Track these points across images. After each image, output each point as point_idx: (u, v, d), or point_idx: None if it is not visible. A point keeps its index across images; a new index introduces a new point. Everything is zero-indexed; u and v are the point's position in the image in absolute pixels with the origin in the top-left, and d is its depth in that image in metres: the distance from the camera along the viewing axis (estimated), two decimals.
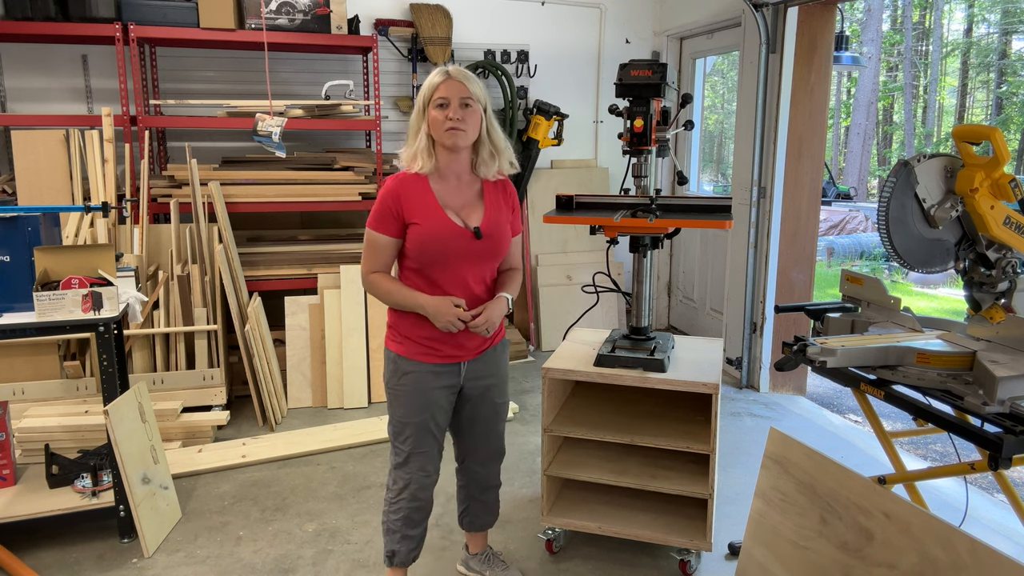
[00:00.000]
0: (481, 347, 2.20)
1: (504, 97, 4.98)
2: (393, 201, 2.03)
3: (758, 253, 4.40)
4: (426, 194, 2.04)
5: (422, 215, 2.02)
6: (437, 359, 2.12)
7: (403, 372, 2.12)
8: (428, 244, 2.02)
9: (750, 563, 2.00)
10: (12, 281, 2.60)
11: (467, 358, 2.17)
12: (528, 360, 4.97)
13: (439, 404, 2.16)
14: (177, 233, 3.90)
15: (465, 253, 2.06)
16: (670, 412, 2.74)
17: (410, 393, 2.12)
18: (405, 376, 2.12)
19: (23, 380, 3.54)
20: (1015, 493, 2.11)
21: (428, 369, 2.12)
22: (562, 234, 5.36)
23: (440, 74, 2.05)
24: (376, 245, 2.08)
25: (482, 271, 2.13)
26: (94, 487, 2.79)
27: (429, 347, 2.11)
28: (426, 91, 2.05)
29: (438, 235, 2.02)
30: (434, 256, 2.04)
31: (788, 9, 4.10)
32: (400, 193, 2.04)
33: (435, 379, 2.13)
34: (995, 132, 2.00)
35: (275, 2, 4.11)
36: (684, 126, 2.71)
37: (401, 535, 2.22)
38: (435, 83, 2.03)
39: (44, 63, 4.32)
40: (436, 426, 2.18)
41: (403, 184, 2.05)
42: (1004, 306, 2.09)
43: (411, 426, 2.14)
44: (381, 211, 2.05)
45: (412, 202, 2.03)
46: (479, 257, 2.10)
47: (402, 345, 2.13)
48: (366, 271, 2.11)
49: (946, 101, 22.29)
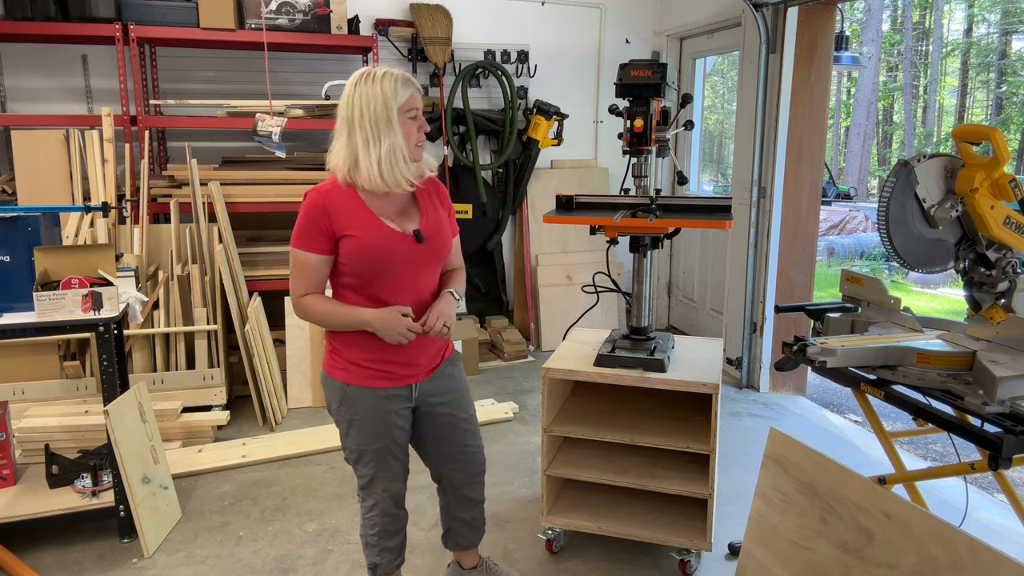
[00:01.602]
0: (433, 365, 2.08)
1: (504, 97, 4.98)
2: (321, 216, 1.87)
3: (758, 253, 4.40)
4: (357, 205, 1.90)
5: (356, 226, 1.88)
6: (387, 382, 1.99)
7: (352, 401, 1.98)
8: (368, 254, 1.88)
9: (750, 563, 2.00)
10: (12, 281, 2.60)
11: (419, 378, 2.04)
12: (528, 360, 4.97)
13: (396, 425, 2.04)
14: (177, 233, 3.90)
15: (409, 260, 1.93)
16: (670, 412, 2.74)
17: (363, 422, 2.00)
18: (356, 403, 1.98)
19: (23, 380, 3.54)
20: (1015, 493, 2.11)
21: (379, 394, 1.99)
22: (562, 234, 5.36)
23: (407, 83, 1.89)
24: (304, 265, 1.91)
25: (429, 277, 2.01)
26: (94, 487, 2.79)
27: (377, 370, 1.97)
28: (399, 99, 1.86)
29: (377, 244, 1.88)
30: (376, 267, 1.89)
31: (788, 9, 4.10)
32: (327, 206, 1.87)
33: (387, 403, 2.00)
34: (995, 132, 2.00)
35: (275, 2, 4.11)
36: (684, 126, 2.72)
37: (380, 548, 2.16)
38: (407, 92, 1.88)
39: (44, 63, 4.32)
40: (396, 446, 2.07)
41: (330, 197, 1.89)
42: (1004, 306, 2.09)
43: (369, 452, 2.03)
44: (307, 227, 1.88)
45: (342, 214, 1.88)
46: (423, 262, 1.97)
47: (347, 372, 1.98)
48: (296, 295, 1.94)
49: (946, 101, 22.29)
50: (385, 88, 1.84)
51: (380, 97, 1.83)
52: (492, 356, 5.00)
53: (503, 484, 3.25)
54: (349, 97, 1.86)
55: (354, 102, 1.85)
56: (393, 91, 1.84)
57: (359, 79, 1.86)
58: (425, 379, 2.06)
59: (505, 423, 3.92)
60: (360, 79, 1.86)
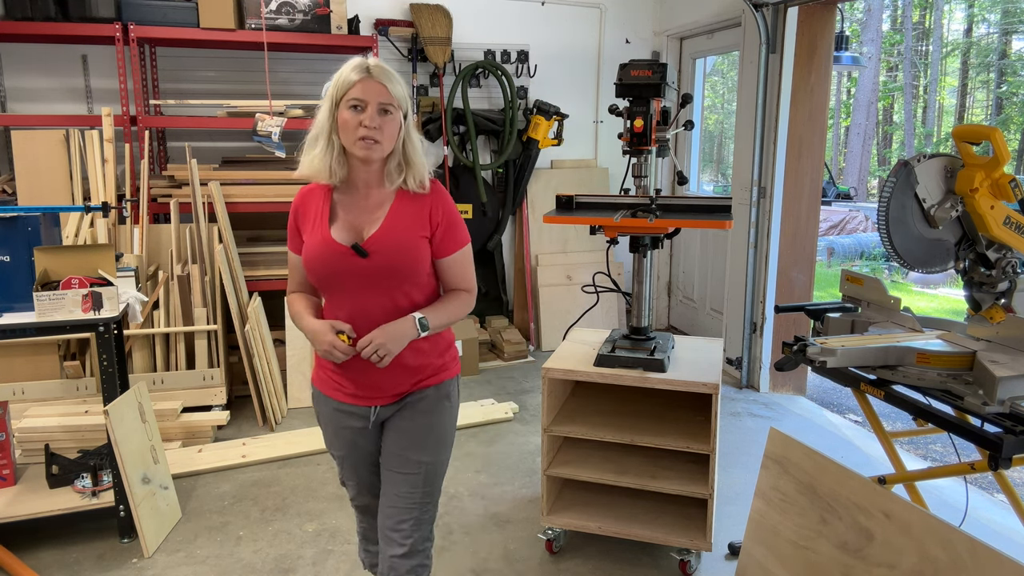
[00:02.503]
0: (399, 391, 1.83)
1: (504, 97, 4.98)
2: (294, 215, 1.83)
3: (758, 253, 4.40)
4: (322, 207, 1.77)
5: (308, 231, 1.78)
6: (345, 397, 1.83)
7: (317, 402, 1.92)
8: (310, 264, 1.76)
9: (750, 563, 2.00)
10: (12, 281, 2.60)
11: (381, 401, 1.83)
12: (528, 360, 4.97)
13: (354, 443, 1.89)
14: (177, 233, 3.90)
15: (352, 274, 1.73)
16: (670, 412, 2.74)
17: (326, 427, 1.92)
18: (318, 406, 1.91)
19: (23, 380, 3.54)
20: (1015, 493, 2.11)
21: (336, 407, 1.86)
22: (562, 234, 5.36)
23: (358, 70, 1.69)
24: (289, 263, 1.89)
25: (387, 297, 1.76)
26: (94, 487, 2.79)
27: (336, 382, 1.84)
28: (339, 87, 1.69)
29: (314, 253, 1.75)
30: (322, 278, 1.76)
31: (788, 9, 4.10)
32: (300, 206, 1.82)
33: (343, 417, 1.86)
34: (995, 132, 2.00)
35: (275, 2, 4.11)
36: (684, 126, 2.72)
37: (362, 548, 2.10)
38: (350, 80, 1.67)
39: (44, 63, 4.32)
40: (360, 462, 1.93)
41: (305, 196, 1.82)
42: (1004, 306, 2.08)
43: (337, 458, 1.95)
44: (289, 225, 1.85)
45: (308, 215, 1.79)
46: (372, 279, 1.74)
47: (316, 374, 1.91)
48: (287, 292, 1.92)
49: (946, 101, 22.29)
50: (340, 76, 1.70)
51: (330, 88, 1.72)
52: (492, 356, 5.00)
53: (503, 484, 3.25)
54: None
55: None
56: (339, 80, 1.69)
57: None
58: (388, 404, 1.84)
59: (505, 423, 3.92)
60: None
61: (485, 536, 2.84)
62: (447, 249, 1.83)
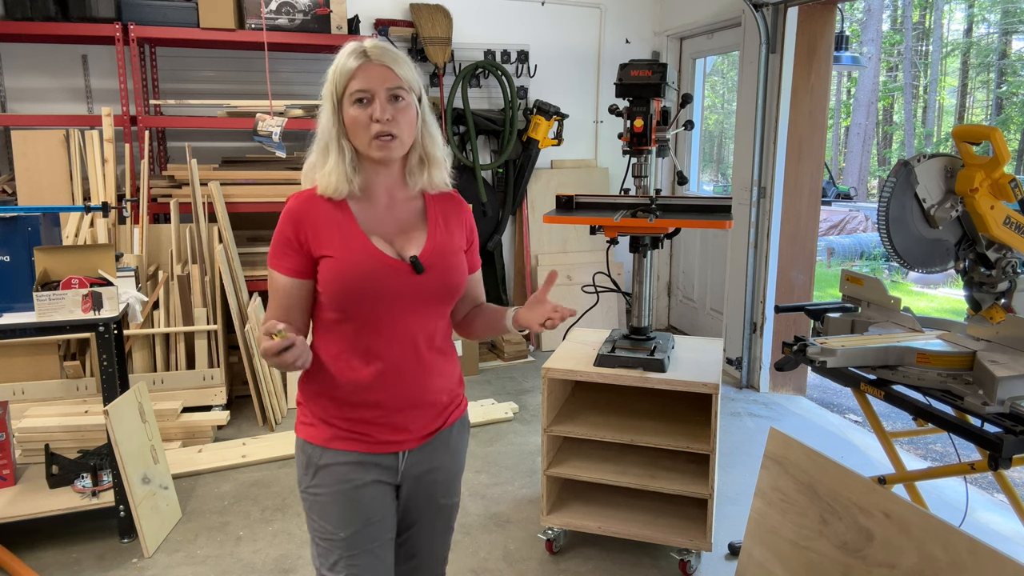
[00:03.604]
0: (430, 429, 1.55)
1: (504, 97, 4.98)
2: (294, 227, 1.45)
3: (758, 253, 4.40)
4: (342, 217, 1.46)
5: (337, 243, 1.43)
6: (365, 446, 1.49)
7: (318, 466, 1.49)
8: (347, 281, 1.42)
9: (750, 563, 2.00)
10: (12, 281, 2.59)
11: (409, 445, 1.53)
12: (528, 360, 4.97)
13: (375, 507, 1.51)
14: (177, 233, 3.90)
15: (403, 295, 1.45)
16: (670, 412, 2.74)
17: (331, 497, 1.48)
18: (321, 472, 1.49)
19: (23, 380, 3.54)
20: (1015, 493, 2.11)
21: (353, 460, 1.49)
22: (562, 234, 5.36)
23: (355, 55, 1.41)
24: (273, 287, 1.48)
25: (431, 321, 1.52)
26: (94, 487, 2.79)
27: (354, 431, 1.49)
28: (337, 80, 1.43)
29: (361, 269, 1.42)
30: (358, 300, 1.43)
31: (788, 9, 4.10)
32: (303, 216, 1.45)
33: (363, 472, 1.49)
34: (995, 132, 2.01)
35: (275, 2, 4.11)
36: (684, 126, 2.72)
37: None
38: (348, 69, 1.41)
39: (44, 63, 4.32)
40: (373, 538, 1.51)
41: (309, 204, 1.46)
42: (1004, 306, 2.09)
43: (340, 544, 1.49)
44: (278, 241, 1.46)
45: (322, 227, 1.44)
46: (424, 300, 1.48)
47: (316, 428, 1.50)
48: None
49: (946, 101, 22.29)
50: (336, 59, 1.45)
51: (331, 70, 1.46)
52: (492, 356, 5.00)
53: (503, 484, 3.25)
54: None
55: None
56: (336, 71, 1.44)
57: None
58: (418, 447, 1.55)
59: (505, 423, 3.92)
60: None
61: (485, 536, 2.84)
62: (475, 264, 1.64)
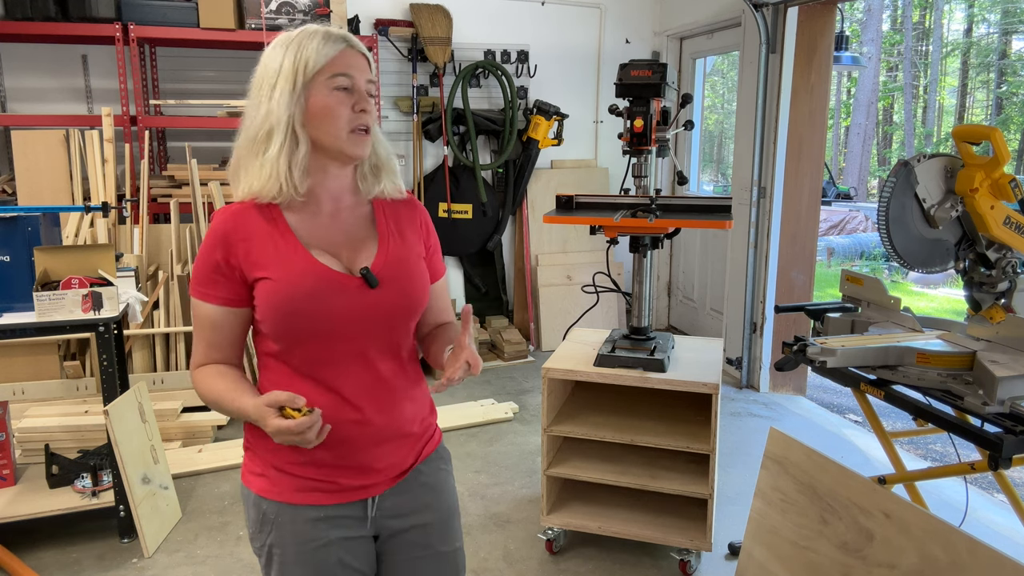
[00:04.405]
0: (404, 467, 1.35)
1: (504, 97, 4.98)
2: (223, 249, 1.23)
3: (758, 253, 4.40)
4: (277, 230, 1.25)
5: (273, 261, 1.23)
6: (326, 497, 1.28)
7: (273, 524, 1.28)
8: (292, 306, 1.21)
9: (750, 563, 2.00)
10: (12, 281, 2.59)
11: (379, 489, 1.32)
12: (528, 360, 4.97)
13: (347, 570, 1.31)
14: (177, 233, 3.90)
15: (356, 314, 1.25)
16: (670, 412, 2.74)
17: (293, 558, 1.28)
18: (276, 530, 1.28)
19: (23, 380, 3.54)
20: (1015, 493, 2.11)
21: (315, 516, 1.28)
22: (562, 234, 5.36)
23: (333, 40, 1.26)
24: (203, 323, 1.27)
25: (393, 341, 1.31)
26: (94, 487, 2.79)
27: (314, 479, 1.27)
28: (310, 61, 1.24)
29: (304, 289, 1.22)
30: (299, 326, 1.23)
31: (788, 9, 4.10)
32: (231, 234, 1.24)
33: (327, 529, 1.28)
34: (995, 132, 2.00)
35: (275, 2, 4.11)
36: (684, 126, 2.72)
37: None
38: (328, 51, 1.24)
39: (44, 63, 4.32)
40: None
41: (237, 220, 1.25)
42: (1004, 306, 2.09)
43: None
44: (204, 266, 1.25)
45: (254, 244, 1.24)
46: (382, 318, 1.28)
47: (268, 480, 1.29)
48: (194, 364, 1.30)
49: (946, 101, 22.29)
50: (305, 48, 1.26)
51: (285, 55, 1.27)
52: (492, 356, 5.00)
53: (503, 484, 3.25)
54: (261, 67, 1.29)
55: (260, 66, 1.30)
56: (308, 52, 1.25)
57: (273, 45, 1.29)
58: (390, 488, 1.33)
59: (505, 423, 3.92)
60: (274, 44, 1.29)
61: (485, 536, 2.84)
62: (437, 271, 1.43)
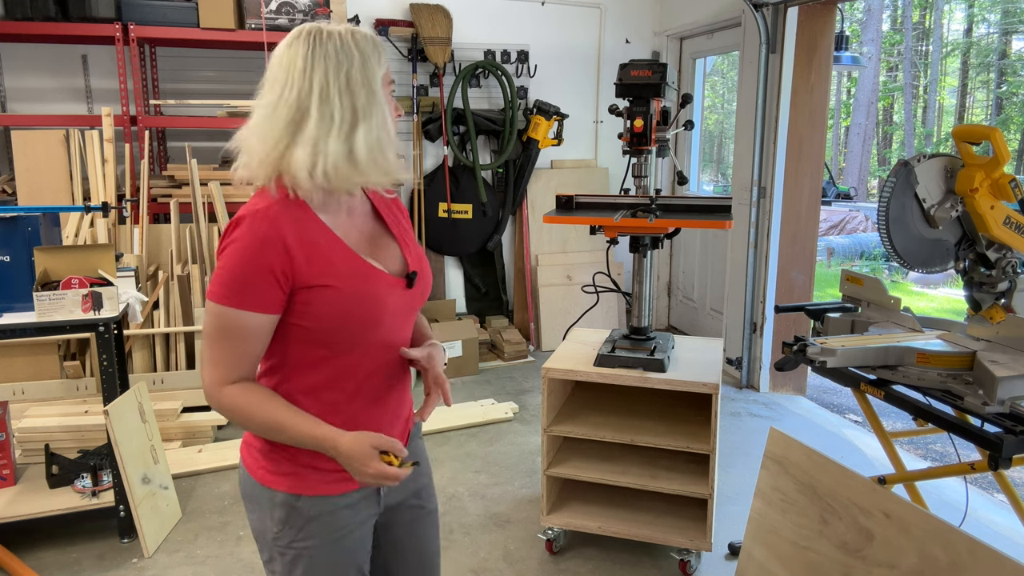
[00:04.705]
0: (404, 442, 1.43)
1: (504, 97, 4.98)
2: (280, 255, 1.19)
3: (758, 253, 4.40)
4: (323, 232, 1.24)
5: (334, 269, 1.23)
6: (351, 483, 1.31)
7: (306, 519, 1.30)
8: (356, 313, 1.24)
9: (750, 563, 2.00)
10: (12, 281, 2.59)
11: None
12: (528, 360, 4.97)
13: (365, 552, 1.40)
14: (177, 233, 3.90)
15: (400, 313, 1.32)
16: (670, 412, 2.74)
17: (322, 551, 1.31)
18: (310, 525, 1.30)
19: (23, 380, 3.54)
20: (1015, 493, 2.11)
21: (342, 503, 1.32)
22: (562, 234, 5.36)
23: (379, 45, 1.27)
24: (240, 334, 1.20)
25: (408, 333, 1.39)
26: (94, 487, 2.79)
27: (337, 470, 1.28)
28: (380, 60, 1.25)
29: (368, 294, 1.25)
30: (359, 329, 1.25)
31: (788, 9, 4.10)
32: (287, 240, 1.19)
33: (355, 514, 1.34)
34: (995, 132, 2.00)
35: (275, 2, 4.11)
36: (684, 126, 2.72)
37: None
38: (382, 60, 1.26)
39: (44, 63, 4.32)
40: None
41: (286, 225, 1.21)
42: (1004, 306, 2.09)
43: None
44: (248, 272, 1.18)
45: (313, 251, 1.22)
46: (412, 313, 1.37)
47: (299, 478, 1.29)
48: (219, 381, 1.22)
49: (946, 101, 22.29)
50: (363, 47, 1.23)
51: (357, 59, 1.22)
52: (492, 356, 5.00)
53: (503, 484, 3.25)
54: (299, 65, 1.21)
55: (313, 69, 1.21)
56: (374, 52, 1.25)
57: (308, 38, 1.23)
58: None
59: (505, 423, 3.92)
60: (308, 37, 1.23)
61: (485, 536, 2.84)
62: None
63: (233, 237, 1.20)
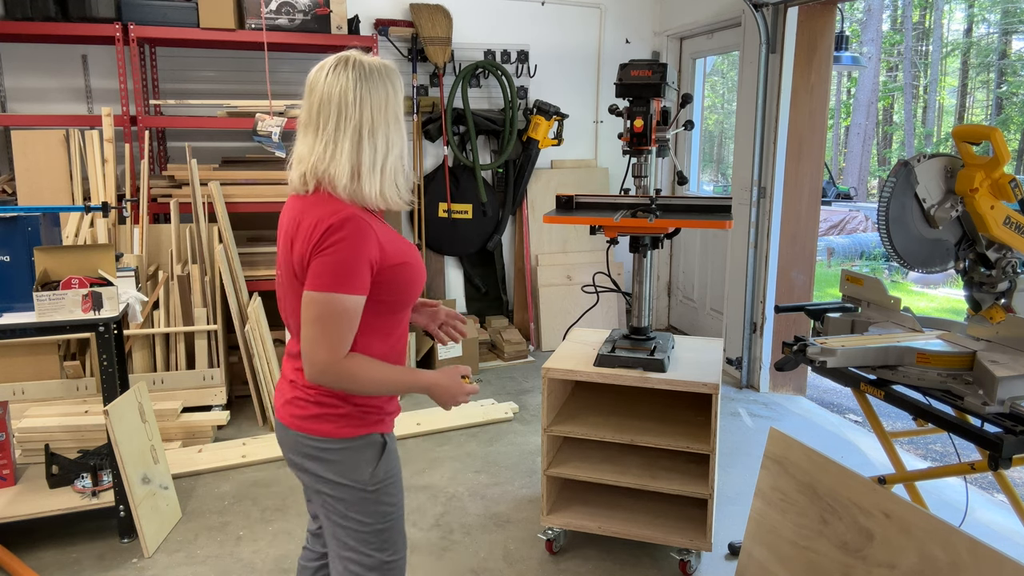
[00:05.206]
0: None
1: (504, 97, 4.98)
2: (376, 247, 1.48)
3: (758, 253, 4.40)
4: (384, 226, 1.58)
5: (404, 251, 1.56)
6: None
7: (390, 451, 1.64)
8: (421, 280, 1.61)
9: (750, 563, 2.00)
10: (12, 281, 2.59)
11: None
12: (528, 360, 4.97)
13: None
14: (177, 233, 3.90)
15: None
16: (670, 412, 2.74)
17: (398, 476, 1.67)
18: (391, 455, 1.64)
19: (23, 380, 3.54)
20: (1015, 493, 2.11)
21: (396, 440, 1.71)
22: (562, 234, 5.36)
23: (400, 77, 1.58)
24: (348, 315, 1.46)
25: None
26: (94, 487, 2.79)
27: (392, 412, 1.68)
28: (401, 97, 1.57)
29: (422, 265, 1.64)
30: (416, 294, 1.63)
31: (788, 9, 4.10)
32: (378, 233, 1.50)
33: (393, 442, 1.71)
34: (995, 132, 2.01)
35: (275, 2, 4.11)
36: (684, 126, 2.72)
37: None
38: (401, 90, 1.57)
39: (44, 63, 4.32)
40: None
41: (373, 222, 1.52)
42: (1004, 306, 2.09)
43: (400, 520, 1.68)
44: (357, 263, 1.46)
45: (388, 240, 1.54)
46: None
47: (383, 424, 1.63)
48: (337, 356, 1.47)
49: (946, 101, 22.29)
50: (395, 81, 1.54)
51: (391, 93, 1.53)
52: (492, 356, 5.00)
53: (503, 484, 3.25)
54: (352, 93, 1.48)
55: (362, 99, 1.49)
56: (401, 85, 1.56)
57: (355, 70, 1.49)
58: None
59: (505, 423, 3.92)
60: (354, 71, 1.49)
61: (485, 536, 2.84)
62: None
63: (341, 236, 1.44)
